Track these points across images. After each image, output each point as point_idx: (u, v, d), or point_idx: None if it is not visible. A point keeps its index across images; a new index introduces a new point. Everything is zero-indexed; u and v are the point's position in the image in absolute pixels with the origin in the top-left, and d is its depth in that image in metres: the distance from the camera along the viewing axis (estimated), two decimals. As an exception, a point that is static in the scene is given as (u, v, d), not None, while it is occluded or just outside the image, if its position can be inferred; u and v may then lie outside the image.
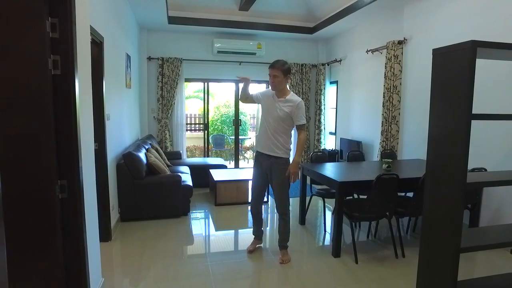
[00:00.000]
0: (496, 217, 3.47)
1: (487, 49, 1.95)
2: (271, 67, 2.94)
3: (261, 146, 3.06)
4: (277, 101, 2.98)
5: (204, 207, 4.72)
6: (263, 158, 3.04)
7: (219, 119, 10.65)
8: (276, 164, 2.98)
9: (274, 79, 2.95)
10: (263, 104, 3.10)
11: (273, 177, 3.02)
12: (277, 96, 3.00)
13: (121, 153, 4.03)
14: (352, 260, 3.04)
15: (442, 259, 2.17)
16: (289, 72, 2.98)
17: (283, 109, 2.94)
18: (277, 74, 2.92)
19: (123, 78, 4.39)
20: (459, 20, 3.85)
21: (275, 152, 2.97)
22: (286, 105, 2.95)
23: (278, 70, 2.91)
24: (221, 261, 3.07)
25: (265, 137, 3.01)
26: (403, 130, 4.83)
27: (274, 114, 2.96)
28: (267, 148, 3.00)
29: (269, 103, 3.02)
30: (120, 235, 3.59)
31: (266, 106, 3.05)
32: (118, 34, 4.01)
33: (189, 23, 6.02)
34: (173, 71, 6.42)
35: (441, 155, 2.14)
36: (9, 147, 1.57)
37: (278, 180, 3.00)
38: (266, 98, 3.09)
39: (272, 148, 2.98)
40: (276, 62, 2.95)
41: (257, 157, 3.12)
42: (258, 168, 3.12)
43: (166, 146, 6.50)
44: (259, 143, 3.11)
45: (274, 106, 2.98)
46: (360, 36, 5.97)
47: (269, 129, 2.98)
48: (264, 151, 3.02)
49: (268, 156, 3.00)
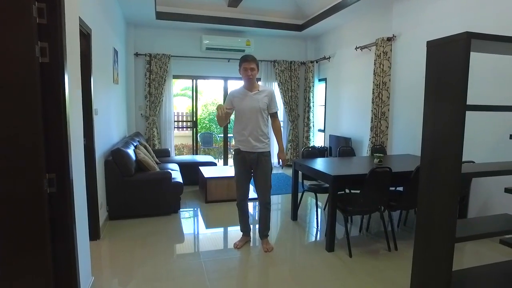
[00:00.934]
0: (483, 209, 3.54)
1: (482, 41, 1.96)
2: (246, 60, 2.99)
3: (244, 145, 3.05)
4: (253, 95, 3.04)
5: (195, 204, 4.65)
6: (248, 155, 3.05)
7: (207, 117, 10.56)
8: (262, 157, 3.06)
9: (252, 72, 3.00)
10: (238, 104, 3.06)
11: (258, 170, 3.07)
12: (249, 90, 3.06)
13: (109, 150, 3.93)
14: (346, 254, 3.04)
15: (437, 250, 2.18)
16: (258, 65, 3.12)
17: (263, 100, 3.03)
18: (254, 67, 3.00)
19: (110, 73, 4.28)
20: (448, 17, 3.90)
21: (260, 148, 3.04)
22: (263, 96, 3.05)
23: (254, 63, 3.00)
24: (214, 258, 3.02)
25: (248, 135, 3.02)
26: (392, 126, 4.87)
27: (255, 107, 3.00)
28: (251, 146, 3.02)
29: (245, 99, 3.04)
30: (109, 234, 3.49)
31: (243, 104, 3.04)
32: (105, 27, 3.90)
33: (177, 19, 5.93)
34: (161, 68, 6.31)
35: (436, 147, 2.15)
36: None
37: (263, 172, 3.08)
38: (239, 97, 3.08)
39: (256, 145, 3.02)
40: (249, 56, 3.05)
41: (238, 154, 3.11)
42: (241, 164, 3.12)
43: (154, 144, 6.39)
44: (241, 142, 3.08)
45: (252, 100, 3.02)
46: (349, 33, 6.00)
47: (251, 125, 3.01)
48: (249, 149, 3.04)
49: (253, 152, 3.03)
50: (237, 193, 3.23)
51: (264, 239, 3.23)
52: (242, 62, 3.03)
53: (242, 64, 3.03)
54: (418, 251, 2.34)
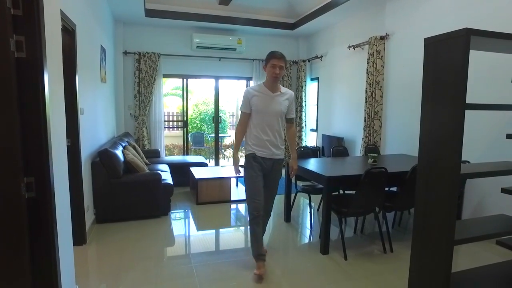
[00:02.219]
0: (478, 209, 3.52)
1: (481, 38, 1.91)
2: (275, 57, 2.68)
3: (263, 151, 2.74)
4: (275, 96, 2.74)
5: (185, 206, 4.54)
6: (264, 161, 2.75)
7: (198, 117, 10.43)
8: (277, 165, 2.82)
9: (280, 70, 2.69)
10: (258, 105, 2.72)
11: (272, 178, 2.83)
12: (272, 90, 2.75)
13: (96, 151, 3.79)
14: (341, 256, 2.98)
15: (436, 252, 2.13)
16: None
17: (284, 103, 2.76)
18: (283, 65, 2.70)
19: (97, 72, 4.14)
20: (442, 15, 3.87)
21: (277, 154, 2.79)
22: (284, 98, 2.77)
23: (283, 61, 2.71)
24: (205, 262, 2.92)
25: (268, 140, 2.73)
26: (385, 125, 4.83)
27: (276, 110, 2.72)
28: (270, 152, 2.75)
29: (267, 100, 2.72)
30: (95, 238, 3.36)
31: (265, 105, 2.71)
32: (92, 23, 3.77)
33: (167, 17, 5.80)
34: (150, 67, 6.17)
35: (434, 147, 2.09)
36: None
37: (275, 180, 2.87)
38: (259, 96, 2.73)
39: (273, 152, 2.76)
40: (278, 52, 2.72)
41: (254, 159, 2.74)
42: (258, 170, 2.74)
43: (144, 144, 6.25)
44: (258, 147, 2.74)
45: (274, 102, 2.72)
46: (342, 32, 5.96)
47: (272, 129, 2.73)
48: (267, 155, 2.75)
49: (270, 159, 2.77)
50: (253, 205, 2.69)
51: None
52: (270, 58, 2.70)
53: (270, 60, 2.69)
54: (415, 254, 2.29)
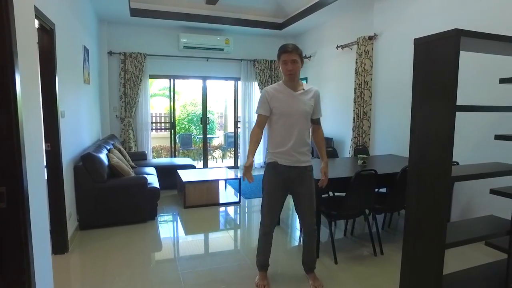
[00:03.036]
0: (466, 210, 3.52)
1: (471, 39, 1.88)
2: (286, 51, 2.33)
3: (285, 158, 2.40)
4: (298, 95, 2.40)
5: (173, 210, 4.44)
6: (287, 170, 2.41)
7: (186, 118, 10.30)
8: (306, 173, 2.43)
9: (293, 66, 2.32)
10: (279, 106, 2.39)
11: (303, 189, 2.43)
12: (293, 89, 2.41)
13: (79, 155, 3.66)
14: (331, 260, 2.93)
15: (427, 256, 2.10)
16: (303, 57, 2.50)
17: (309, 103, 2.40)
18: (296, 58, 2.33)
19: (80, 73, 4.01)
20: (430, 15, 3.87)
21: (304, 161, 2.41)
22: (309, 96, 2.41)
23: (296, 54, 2.33)
24: (193, 269, 2.83)
25: (291, 146, 2.38)
26: (374, 125, 4.83)
27: (300, 111, 2.37)
28: (294, 160, 2.39)
29: (289, 100, 2.39)
30: (78, 246, 3.24)
31: (288, 106, 2.38)
32: (73, 23, 3.64)
33: (153, 16, 5.69)
34: (136, 67, 6.04)
35: (424, 149, 2.06)
36: None
37: (309, 191, 2.44)
38: (279, 97, 2.40)
39: (298, 158, 2.39)
40: (289, 45, 2.37)
41: (274, 169, 2.44)
42: (278, 182, 2.44)
43: (130, 146, 6.12)
44: (280, 155, 2.41)
45: (297, 102, 2.39)
46: (330, 32, 5.94)
47: (296, 133, 2.37)
48: (291, 163, 2.39)
49: (296, 168, 2.40)
50: (265, 218, 2.51)
51: (311, 273, 2.59)
52: (280, 54, 2.35)
53: (280, 56, 2.36)
54: (406, 257, 2.25)
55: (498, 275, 2.44)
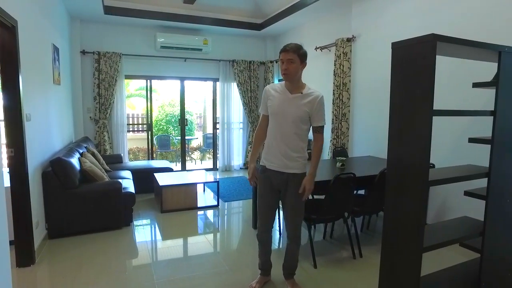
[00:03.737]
0: (441, 211, 3.58)
1: (447, 44, 1.89)
2: (284, 50, 2.26)
3: (270, 161, 2.36)
4: (293, 98, 2.31)
5: (149, 215, 4.30)
6: (275, 176, 2.36)
7: (164, 119, 10.09)
8: (295, 180, 2.34)
9: (289, 65, 2.24)
10: (273, 105, 2.35)
11: (288, 195, 2.37)
12: (290, 90, 2.33)
13: (48, 159, 3.48)
14: (310, 264, 2.90)
15: (405, 259, 2.10)
16: (306, 58, 2.33)
17: (302, 108, 2.28)
18: (292, 58, 2.23)
19: (49, 73, 3.82)
20: (407, 19, 3.92)
21: (291, 168, 2.32)
22: (305, 101, 2.29)
23: (293, 54, 2.23)
24: (169, 278, 2.73)
25: (276, 148, 2.32)
26: (353, 127, 4.86)
27: (291, 113, 2.28)
28: (279, 163, 2.33)
29: (282, 101, 2.32)
30: (47, 256, 3.07)
31: (278, 107, 2.33)
32: (39, 20, 3.44)
33: (128, 15, 5.51)
34: (111, 67, 5.84)
35: (402, 153, 2.06)
36: None
37: (295, 197, 2.36)
38: (275, 96, 2.35)
39: (286, 164, 2.31)
40: (290, 44, 2.28)
41: (263, 173, 2.41)
42: (267, 184, 2.41)
43: (105, 149, 5.91)
44: (268, 155, 2.39)
45: (290, 104, 2.29)
46: (309, 33, 5.94)
47: (281, 136, 2.31)
48: (276, 167, 2.34)
49: (282, 173, 2.34)
50: (259, 222, 2.51)
51: (290, 279, 2.57)
52: (279, 53, 2.30)
53: (280, 55, 2.30)
54: (385, 261, 2.25)
55: (471, 274, 2.49)
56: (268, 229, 2.51)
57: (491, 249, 2.32)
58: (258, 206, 2.50)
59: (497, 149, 2.18)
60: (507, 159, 2.26)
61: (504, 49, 2.10)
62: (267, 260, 2.60)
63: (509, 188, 2.33)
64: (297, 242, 2.47)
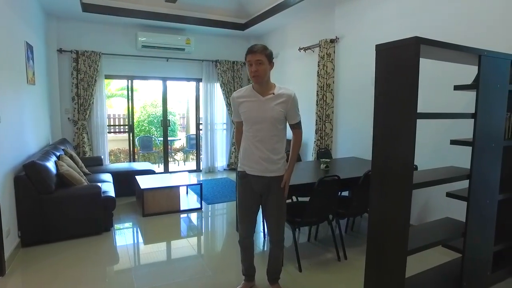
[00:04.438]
0: (423, 212, 3.62)
1: (430, 47, 1.89)
2: (251, 51, 2.19)
3: (250, 166, 2.31)
4: (265, 100, 2.24)
5: (130, 219, 4.18)
6: (256, 181, 2.31)
7: (146, 120, 9.90)
8: (276, 184, 2.30)
9: (258, 67, 2.17)
10: (246, 111, 2.29)
11: (270, 198, 2.33)
12: (261, 93, 2.26)
13: (21, 163, 3.32)
14: (295, 268, 2.87)
15: (390, 262, 2.09)
16: (272, 58, 2.26)
17: (277, 108, 2.22)
18: (261, 59, 2.17)
19: (22, 72, 3.64)
20: (390, 21, 3.94)
21: (271, 171, 2.27)
22: (279, 101, 2.23)
23: (261, 54, 2.17)
24: (150, 284, 2.65)
25: (256, 153, 2.27)
26: (337, 128, 4.87)
27: (267, 117, 2.22)
28: (260, 168, 2.27)
29: (256, 106, 2.25)
30: (20, 266, 2.91)
31: (252, 111, 2.26)
32: (9, 16, 3.27)
33: (107, 13, 5.35)
34: (90, 67, 5.66)
35: (386, 155, 2.05)
36: None
37: (277, 201, 2.33)
38: (247, 102, 2.28)
39: (267, 168, 2.26)
40: (257, 45, 2.21)
41: (243, 178, 2.37)
42: (247, 189, 2.36)
43: (85, 151, 5.73)
44: (247, 161, 2.33)
45: (264, 107, 2.23)
46: (293, 33, 5.93)
47: (260, 140, 2.25)
48: (257, 172, 2.29)
49: (264, 177, 2.29)
50: (240, 227, 2.47)
51: (275, 284, 2.52)
52: (246, 55, 2.21)
53: (246, 57, 2.22)
54: (370, 264, 2.24)
55: (454, 274, 2.52)
56: (251, 234, 2.47)
57: (472, 249, 2.35)
58: (239, 212, 2.46)
59: (477, 151, 2.20)
60: (487, 160, 2.29)
61: (483, 53, 2.13)
62: (251, 265, 2.55)
63: (489, 189, 2.36)
64: (280, 246, 2.44)
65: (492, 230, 2.45)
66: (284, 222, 2.42)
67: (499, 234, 2.54)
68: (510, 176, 2.56)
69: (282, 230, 2.41)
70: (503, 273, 2.67)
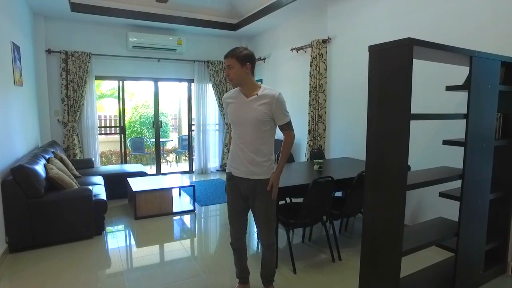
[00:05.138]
0: (417, 212, 3.63)
1: (423, 48, 1.89)
2: (224, 57, 2.24)
3: (236, 168, 2.30)
4: (249, 101, 2.23)
5: (123, 222, 4.13)
6: (242, 182, 2.30)
7: (138, 121, 9.80)
8: (261, 186, 2.26)
9: (229, 71, 2.21)
10: (231, 112, 2.31)
11: (257, 201, 2.29)
12: (246, 94, 2.26)
13: (9, 167, 3.25)
14: (290, 270, 2.86)
15: (384, 263, 2.09)
16: (249, 60, 2.22)
17: (260, 109, 2.19)
18: (231, 63, 2.18)
19: (9, 73, 3.56)
20: (382, 21, 3.95)
21: (256, 174, 2.24)
22: (262, 102, 2.20)
23: (231, 59, 2.19)
24: (143, 289, 2.62)
25: (241, 155, 2.26)
26: (329, 129, 4.87)
27: (250, 118, 2.20)
28: (244, 170, 2.26)
29: (240, 107, 2.26)
30: (7, 273, 2.84)
31: (236, 113, 2.27)
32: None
33: (97, 13, 5.28)
34: (80, 67, 5.57)
35: (380, 156, 2.05)
36: None
37: (265, 204, 2.29)
38: (233, 104, 2.30)
39: (252, 170, 2.24)
40: (230, 50, 2.25)
41: (230, 180, 2.38)
42: (234, 191, 2.36)
43: (75, 153, 5.64)
44: (233, 163, 2.33)
45: (248, 108, 2.22)
46: (285, 34, 5.92)
47: (244, 142, 2.24)
48: (241, 174, 2.28)
49: (249, 180, 2.27)
50: (231, 230, 2.45)
51: (270, 286, 2.50)
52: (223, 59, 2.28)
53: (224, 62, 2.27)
54: (364, 266, 2.24)
55: (447, 273, 2.54)
56: (242, 236, 2.44)
57: (465, 249, 2.37)
58: (229, 214, 2.44)
59: (470, 151, 2.22)
60: (479, 160, 2.30)
61: (475, 54, 2.14)
62: (244, 268, 2.53)
63: (480, 189, 2.38)
64: (272, 249, 2.41)
65: (484, 229, 2.48)
66: (274, 225, 2.39)
67: (490, 233, 2.57)
68: (500, 175, 2.59)
69: (273, 233, 2.38)
70: (495, 271, 2.70)
